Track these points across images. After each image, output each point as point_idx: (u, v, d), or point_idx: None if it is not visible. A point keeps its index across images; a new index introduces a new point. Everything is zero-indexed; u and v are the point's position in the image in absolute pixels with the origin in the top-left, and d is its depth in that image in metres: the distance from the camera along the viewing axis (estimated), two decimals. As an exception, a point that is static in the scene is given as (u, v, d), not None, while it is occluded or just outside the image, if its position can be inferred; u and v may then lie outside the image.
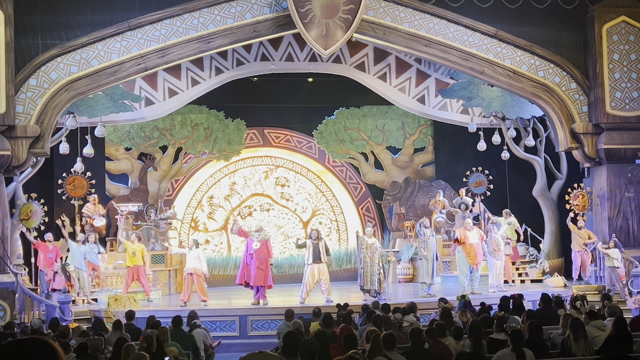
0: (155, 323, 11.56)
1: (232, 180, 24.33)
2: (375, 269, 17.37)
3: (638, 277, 17.65)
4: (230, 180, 24.31)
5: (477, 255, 18.20)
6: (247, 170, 24.44)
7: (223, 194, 24.25)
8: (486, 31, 18.91)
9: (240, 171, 24.38)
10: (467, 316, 11.78)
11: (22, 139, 16.87)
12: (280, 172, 24.69)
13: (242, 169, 24.37)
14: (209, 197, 24.12)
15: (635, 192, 19.26)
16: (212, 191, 24.17)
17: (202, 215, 24.06)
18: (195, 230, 23.87)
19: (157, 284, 19.49)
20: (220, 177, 24.18)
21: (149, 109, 20.52)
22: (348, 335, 8.44)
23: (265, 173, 24.58)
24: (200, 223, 24.01)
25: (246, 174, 24.44)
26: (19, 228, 18.06)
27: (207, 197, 24.10)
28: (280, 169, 24.68)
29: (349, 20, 17.65)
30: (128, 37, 17.47)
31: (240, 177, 24.40)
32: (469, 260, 18.07)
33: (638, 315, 11.74)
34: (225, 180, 24.27)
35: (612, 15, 19.11)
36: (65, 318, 15.08)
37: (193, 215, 23.90)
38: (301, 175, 24.78)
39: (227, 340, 15.61)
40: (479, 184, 22.66)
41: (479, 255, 18.25)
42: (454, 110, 22.17)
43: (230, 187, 24.30)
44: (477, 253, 18.22)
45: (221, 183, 24.22)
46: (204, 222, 24.07)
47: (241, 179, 24.39)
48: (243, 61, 20.43)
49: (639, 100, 19.12)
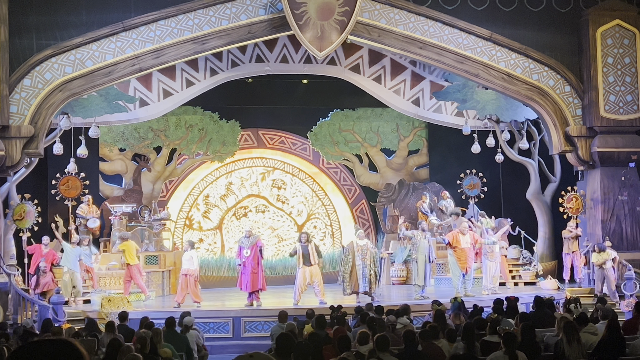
0: (148, 324, 11.55)
1: (229, 180, 24.32)
2: (367, 270, 17.36)
3: (631, 280, 17.70)
4: (227, 180, 24.30)
5: (468, 259, 18.23)
6: (244, 171, 24.43)
7: (219, 194, 24.24)
8: (481, 34, 18.94)
9: (238, 172, 24.37)
10: (461, 318, 11.79)
11: (16, 139, 16.84)
12: (277, 174, 24.69)
13: (239, 169, 24.36)
14: (205, 195, 24.11)
15: (629, 196, 19.32)
16: (209, 190, 24.16)
17: (197, 214, 24.05)
18: (190, 229, 23.86)
19: (150, 285, 19.47)
20: (213, 179, 24.13)
21: (144, 110, 20.48)
22: (342, 337, 8.44)
23: (262, 175, 24.57)
24: (195, 221, 24.00)
25: (243, 174, 24.44)
26: (12, 228, 18.03)
27: (203, 196, 24.08)
28: (278, 171, 24.68)
29: (344, 22, 17.65)
30: (123, 38, 17.45)
31: (237, 177, 24.40)
32: (459, 265, 18.12)
33: (631, 318, 11.75)
34: (222, 180, 24.26)
35: (606, 19, 19.16)
36: (58, 319, 15.06)
37: (188, 214, 23.88)
38: (298, 179, 24.77)
39: (220, 341, 15.62)
40: (472, 186, 22.72)
41: (469, 259, 18.28)
42: (449, 112, 22.19)
43: (226, 187, 24.29)
44: (468, 257, 18.23)
45: (218, 182, 24.21)
46: (199, 221, 24.06)
47: (238, 180, 24.39)
48: (238, 62, 20.42)
49: (632, 103, 19.17)
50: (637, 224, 19.36)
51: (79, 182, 20.14)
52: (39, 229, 18.21)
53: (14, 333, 12.57)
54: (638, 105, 19.20)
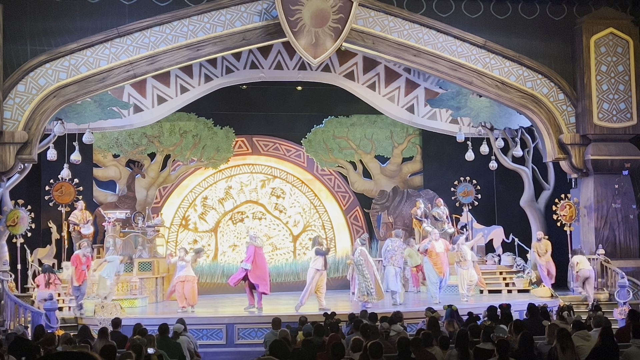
0: (141, 331, 11.53)
1: (229, 184, 24.31)
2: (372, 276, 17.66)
3: (624, 287, 17.73)
4: (227, 183, 24.29)
5: (443, 264, 18.61)
6: (245, 177, 24.42)
7: (218, 196, 24.23)
8: (475, 42, 18.99)
9: (238, 176, 24.36)
10: (454, 326, 11.79)
11: (10, 145, 16.81)
12: (277, 183, 24.67)
13: (239, 174, 24.34)
14: (203, 197, 24.09)
15: (622, 203, 19.37)
16: (208, 192, 24.14)
17: (194, 214, 24.01)
18: (185, 229, 23.84)
19: (143, 291, 19.42)
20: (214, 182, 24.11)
21: (138, 116, 20.47)
22: (336, 344, 8.43)
23: (262, 182, 24.55)
24: (191, 222, 23.97)
25: (244, 179, 24.42)
26: (6, 234, 17.99)
27: (202, 197, 24.07)
28: (278, 180, 24.66)
29: (339, 30, 17.69)
30: (117, 44, 17.45)
31: (237, 182, 24.38)
32: (436, 270, 18.47)
33: (624, 326, 11.76)
34: (221, 183, 24.24)
35: (600, 27, 19.24)
36: (51, 325, 14.99)
37: (185, 213, 23.86)
38: (298, 189, 24.75)
39: (214, 348, 15.58)
40: (466, 193, 22.74)
41: (444, 264, 18.67)
42: (443, 119, 22.22)
43: (225, 191, 24.28)
44: (443, 262, 18.64)
45: (217, 185, 24.19)
46: (195, 222, 24.03)
47: (237, 184, 24.37)
48: (232, 69, 20.43)
49: (626, 111, 19.24)
50: (630, 232, 19.42)
51: (72, 188, 20.10)
52: (32, 235, 18.15)
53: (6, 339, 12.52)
54: (631, 113, 19.27)
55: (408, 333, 11.60)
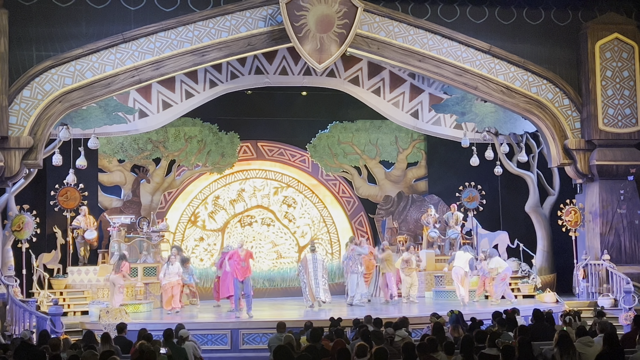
0: (146, 336, 11.52)
1: (242, 186, 24.28)
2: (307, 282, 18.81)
3: (629, 293, 17.70)
4: (240, 185, 24.25)
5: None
6: (258, 181, 24.40)
7: (230, 197, 24.21)
8: (480, 47, 19.00)
9: (252, 180, 24.35)
10: (459, 331, 11.77)
11: (15, 150, 16.85)
12: (290, 192, 24.62)
13: (253, 178, 24.34)
14: (215, 196, 24.07)
15: (627, 209, 19.36)
16: (220, 192, 24.12)
17: (204, 212, 23.98)
18: (194, 225, 23.83)
19: (148, 296, 19.43)
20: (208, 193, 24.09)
21: (143, 121, 20.51)
22: (341, 349, 8.42)
23: (275, 189, 24.51)
24: (200, 219, 23.94)
25: (257, 184, 24.39)
26: (11, 239, 18.02)
27: (214, 196, 24.05)
28: (291, 189, 24.61)
29: (344, 35, 17.71)
30: (122, 50, 17.50)
31: (250, 185, 24.34)
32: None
33: (630, 332, 11.74)
34: (235, 185, 24.20)
35: (605, 33, 19.25)
36: (56, 330, 15.00)
37: (195, 210, 23.85)
38: (309, 200, 24.70)
39: (218, 353, 15.56)
40: (471, 199, 22.70)
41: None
42: (448, 125, 22.21)
43: (238, 193, 24.26)
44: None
45: (231, 187, 24.16)
46: (204, 220, 24.00)
47: (250, 188, 24.33)
48: (237, 74, 20.46)
49: (631, 117, 19.23)
50: (636, 237, 19.39)
51: (77, 193, 20.11)
52: (37, 240, 18.18)
53: (11, 344, 12.53)
54: (637, 118, 19.26)
55: (413, 338, 11.58)
